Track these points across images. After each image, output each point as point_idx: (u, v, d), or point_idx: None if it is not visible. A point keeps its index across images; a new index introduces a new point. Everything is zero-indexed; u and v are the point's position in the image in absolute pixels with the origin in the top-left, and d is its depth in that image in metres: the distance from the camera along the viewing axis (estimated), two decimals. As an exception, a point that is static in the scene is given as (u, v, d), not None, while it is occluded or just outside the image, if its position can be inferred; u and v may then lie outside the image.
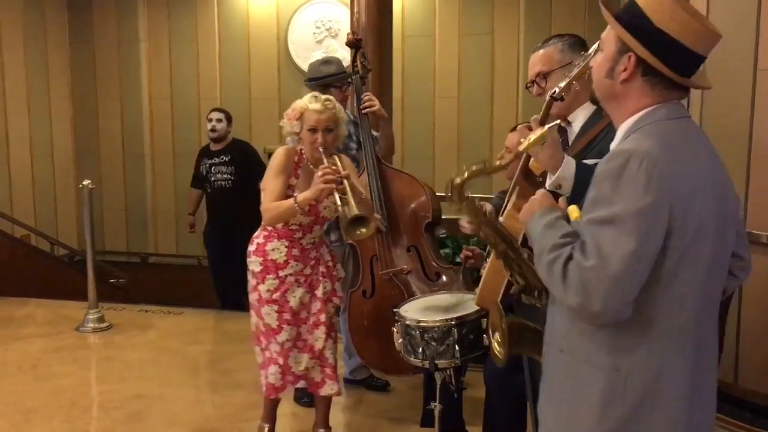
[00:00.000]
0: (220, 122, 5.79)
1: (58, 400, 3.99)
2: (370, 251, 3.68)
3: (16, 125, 7.63)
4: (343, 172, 2.94)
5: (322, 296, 3.18)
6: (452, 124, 7.75)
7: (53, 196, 8.25)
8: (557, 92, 1.87)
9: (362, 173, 3.74)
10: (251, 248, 3.19)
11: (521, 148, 1.83)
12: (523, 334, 1.86)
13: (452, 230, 4.42)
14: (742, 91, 3.60)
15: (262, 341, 3.19)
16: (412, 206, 3.71)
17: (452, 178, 1.78)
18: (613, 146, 1.61)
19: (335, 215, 3.21)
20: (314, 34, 7.78)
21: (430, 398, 2.85)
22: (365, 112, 3.73)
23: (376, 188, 3.69)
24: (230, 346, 4.95)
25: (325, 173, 2.91)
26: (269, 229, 3.16)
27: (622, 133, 1.60)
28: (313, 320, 3.18)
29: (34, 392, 4.09)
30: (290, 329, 3.14)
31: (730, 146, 3.70)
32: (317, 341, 3.18)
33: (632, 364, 1.52)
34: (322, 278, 3.20)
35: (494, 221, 1.75)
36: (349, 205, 2.84)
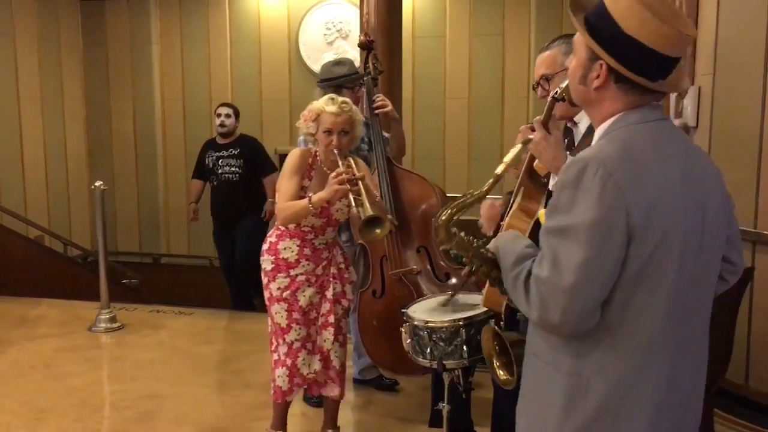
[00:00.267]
0: (228, 117, 5.80)
1: (70, 399, 4.02)
2: (380, 251, 3.69)
3: (30, 126, 7.70)
4: (358, 173, 2.95)
5: (331, 297, 3.18)
6: (463, 124, 7.76)
7: (66, 197, 8.31)
8: (558, 93, 1.87)
9: (373, 174, 3.75)
10: (264, 247, 3.21)
11: (498, 170, 1.83)
12: (523, 348, 1.85)
13: (461, 230, 4.41)
14: (752, 91, 3.58)
15: (272, 342, 3.21)
16: (422, 207, 3.72)
17: (436, 216, 1.77)
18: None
19: (346, 216, 3.21)
20: (325, 35, 7.81)
21: (438, 399, 2.85)
22: (377, 113, 3.75)
23: (386, 189, 3.70)
24: (241, 346, 4.97)
25: (339, 174, 2.92)
26: (282, 228, 3.17)
27: (596, 137, 1.57)
28: (321, 321, 3.19)
29: (46, 391, 4.13)
30: (299, 329, 3.14)
31: (740, 147, 3.68)
32: (325, 342, 3.19)
33: (594, 370, 1.49)
34: (332, 279, 3.20)
35: (486, 252, 1.72)
36: (363, 206, 2.85)
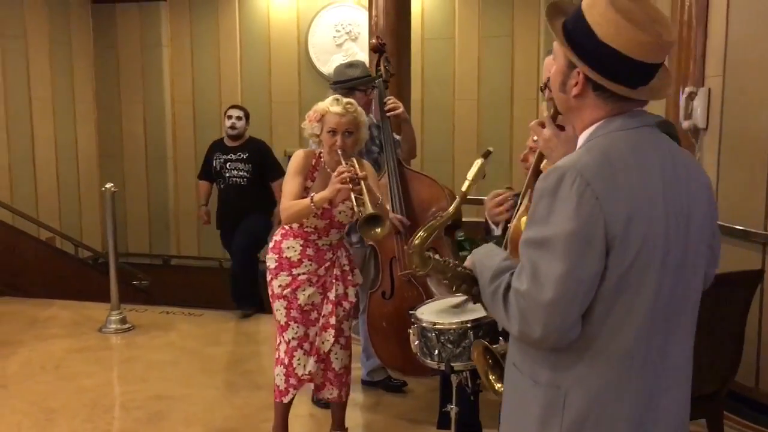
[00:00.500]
0: (240, 120, 5.73)
1: (80, 399, 4.04)
2: (389, 253, 3.70)
3: (41, 128, 7.75)
4: (360, 173, 2.95)
5: (333, 299, 3.17)
6: (472, 126, 7.75)
7: (77, 198, 8.36)
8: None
9: (383, 176, 3.77)
10: (270, 245, 3.22)
11: (464, 188, 1.82)
12: None
13: (471, 232, 4.42)
14: (762, 92, 3.57)
15: (276, 339, 3.21)
16: (432, 209, 3.72)
17: (408, 243, 1.75)
18: None
19: (351, 220, 3.20)
20: (334, 37, 7.82)
21: (446, 400, 2.85)
22: (390, 115, 3.76)
23: (397, 190, 3.71)
24: (250, 347, 4.99)
25: (342, 173, 2.92)
26: (286, 227, 3.18)
27: (579, 144, 1.53)
28: (323, 322, 3.17)
29: (57, 392, 4.15)
30: (297, 327, 3.13)
31: (750, 148, 3.66)
32: (324, 344, 3.17)
33: (572, 382, 1.46)
34: (335, 281, 3.19)
35: (464, 270, 1.70)
36: (364, 205, 2.85)
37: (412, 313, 2.75)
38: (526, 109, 7.41)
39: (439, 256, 1.79)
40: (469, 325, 2.55)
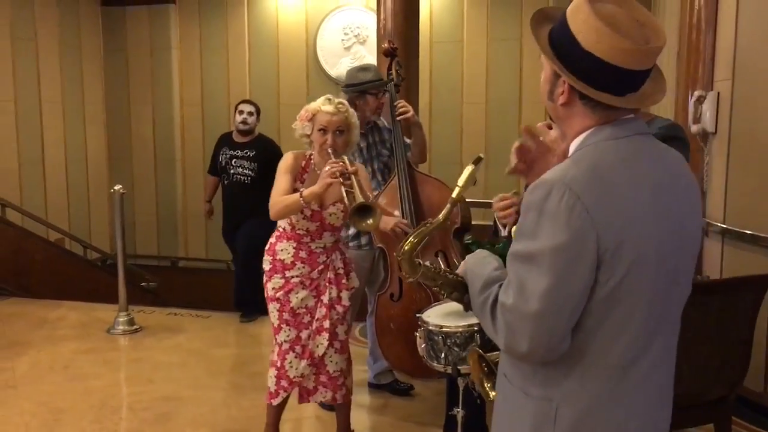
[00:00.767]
0: (251, 115, 5.62)
1: (88, 400, 4.06)
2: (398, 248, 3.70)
3: (51, 130, 7.79)
4: (351, 168, 2.93)
5: (327, 302, 3.14)
6: (480, 129, 7.75)
7: (86, 200, 8.40)
8: None
9: (393, 178, 3.78)
10: (266, 247, 3.21)
11: (454, 194, 1.81)
12: None
13: (479, 236, 4.42)
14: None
15: (273, 341, 3.21)
16: (442, 212, 3.72)
17: (398, 250, 1.73)
18: None
19: (342, 222, 3.17)
20: (342, 40, 7.84)
21: (453, 404, 2.85)
22: (400, 119, 3.77)
23: (406, 193, 3.72)
24: (257, 349, 5.00)
25: (332, 167, 2.90)
26: (281, 229, 3.17)
27: (570, 151, 1.50)
28: (316, 326, 3.14)
29: (65, 392, 4.17)
30: (289, 330, 3.12)
31: (759, 152, 3.65)
32: (318, 347, 3.14)
33: (563, 395, 1.44)
34: (328, 284, 3.15)
35: (455, 278, 1.68)
36: (355, 197, 2.82)
37: (419, 315, 2.76)
38: (534, 112, 7.40)
39: (429, 262, 1.78)
40: (476, 328, 2.54)
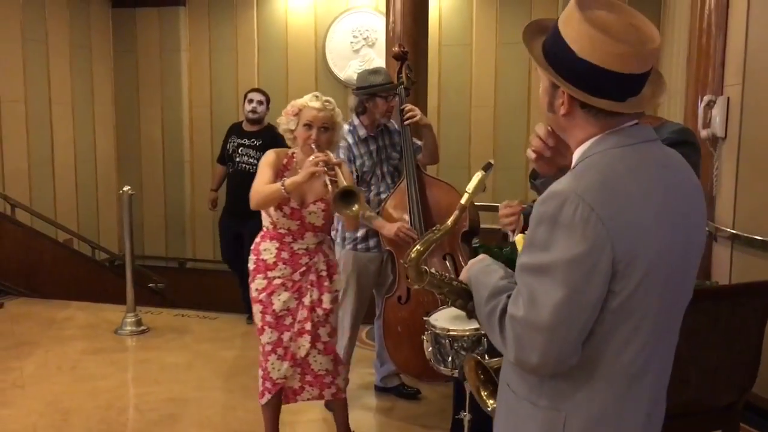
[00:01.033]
0: (261, 104, 5.55)
1: (95, 401, 4.07)
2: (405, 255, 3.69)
3: (61, 131, 7.83)
4: (335, 160, 2.91)
5: (308, 305, 3.12)
6: (488, 133, 7.74)
7: (95, 201, 8.43)
8: None
9: (402, 182, 3.78)
10: (252, 247, 3.21)
11: (463, 200, 1.79)
12: None
13: (487, 239, 4.42)
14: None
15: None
16: (450, 215, 3.71)
17: (405, 257, 1.73)
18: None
19: (323, 221, 3.14)
20: (351, 43, 7.84)
21: (459, 407, 2.85)
22: (407, 123, 3.78)
23: (415, 196, 3.72)
24: (264, 351, 5.00)
25: (316, 156, 2.89)
26: (265, 229, 3.17)
27: (574, 161, 1.48)
28: (297, 328, 3.12)
29: (72, 393, 4.18)
30: (271, 332, 3.11)
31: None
32: (300, 349, 3.12)
33: (572, 405, 1.43)
34: (310, 287, 3.14)
35: (460, 285, 1.68)
36: (338, 184, 2.81)
37: (426, 319, 2.75)
38: (543, 116, 7.37)
39: (440, 269, 1.77)
40: (483, 332, 2.54)
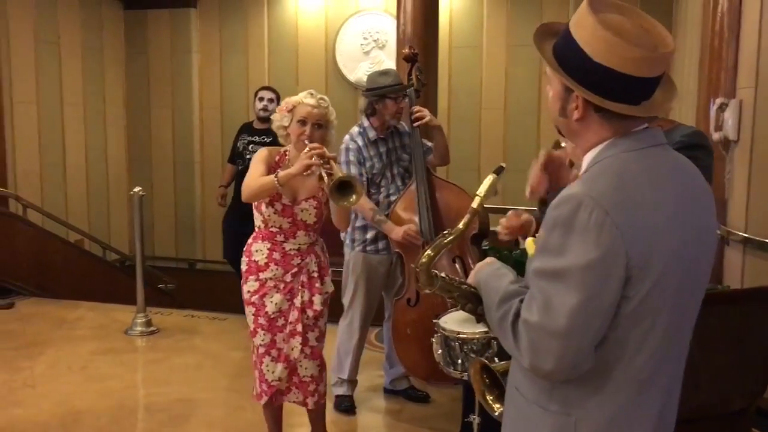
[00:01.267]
0: (272, 102, 5.52)
1: (105, 401, 4.09)
2: (416, 260, 3.69)
3: (72, 132, 7.87)
4: (329, 153, 2.89)
5: (299, 306, 3.09)
6: (498, 135, 7.72)
7: (106, 202, 8.47)
8: None
9: (412, 184, 3.78)
10: (244, 248, 3.18)
11: (475, 204, 1.79)
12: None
13: (496, 242, 4.41)
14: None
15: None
16: (460, 218, 3.70)
17: (416, 261, 1.72)
18: (580, 173, 1.50)
19: (315, 219, 3.12)
20: (362, 45, 7.85)
21: (469, 410, 2.84)
22: (416, 125, 3.77)
23: (425, 198, 3.72)
24: (273, 352, 5.01)
25: (311, 149, 2.87)
26: (257, 229, 3.14)
27: (585, 164, 1.47)
28: (289, 329, 3.10)
29: (82, 393, 4.20)
30: (264, 334, 3.09)
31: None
32: (293, 350, 3.10)
33: (584, 409, 1.42)
34: (301, 288, 3.11)
35: (470, 289, 1.67)
36: (335, 176, 2.79)
37: (436, 321, 2.75)
38: (552, 120, 7.36)
39: (449, 272, 1.77)
40: (492, 335, 2.53)
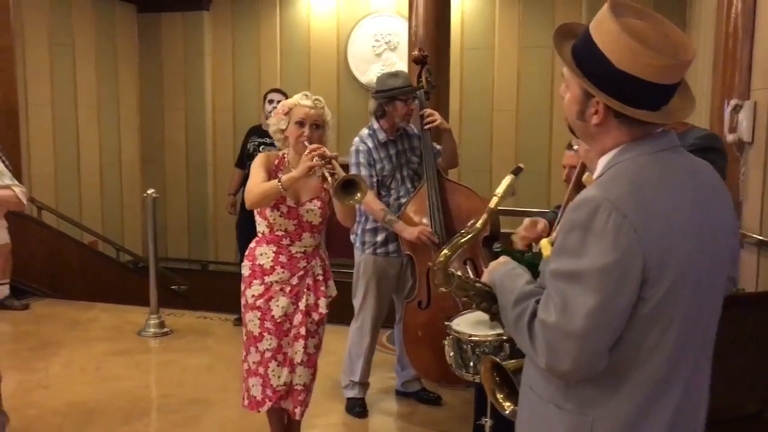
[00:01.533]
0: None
1: (118, 402, 4.11)
2: (427, 262, 3.68)
3: (86, 135, 7.93)
4: (330, 153, 2.87)
5: (303, 309, 3.07)
6: (510, 137, 7.71)
7: (120, 203, 8.53)
8: None
9: (422, 186, 3.77)
10: (246, 253, 3.17)
11: (492, 203, 1.79)
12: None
13: (507, 244, 4.40)
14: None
15: (244, 351, 3.15)
16: (471, 220, 3.70)
17: (433, 260, 1.73)
18: (594, 176, 1.51)
19: (321, 220, 3.10)
20: (373, 47, 7.86)
21: (481, 413, 2.83)
22: (427, 128, 3.77)
23: (435, 201, 3.71)
24: (285, 354, 5.01)
25: (312, 150, 2.86)
26: (260, 234, 3.13)
27: (600, 167, 1.48)
28: (294, 333, 3.08)
29: (96, 393, 4.22)
30: (271, 339, 3.06)
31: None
32: (297, 354, 3.08)
33: (600, 410, 1.43)
34: (306, 291, 3.09)
35: (485, 288, 1.68)
36: (338, 175, 2.78)
37: (447, 324, 2.74)
38: (565, 120, 7.34)
39: (461, 272, 1.77)
40: (505, 337, 2.51)
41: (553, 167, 7.31)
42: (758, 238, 3.84)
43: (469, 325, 2.71)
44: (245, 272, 3.13)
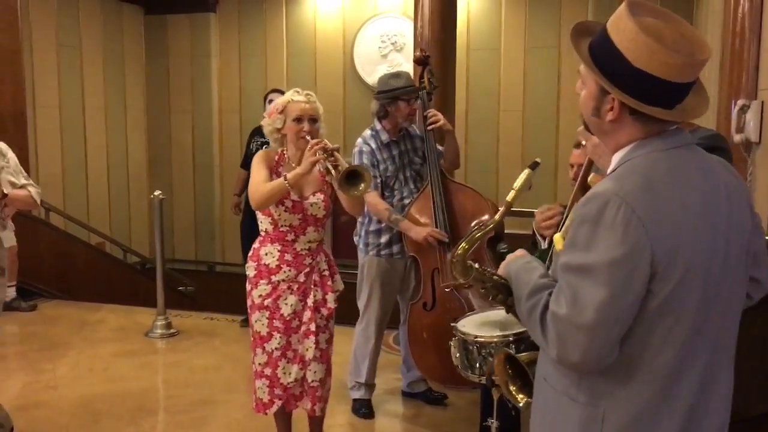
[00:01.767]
0: None
1: (125, 403, 4.12)
2: (432, 264, 3.69)
3: (94, 136, 7.97)
4: (332, 145, 2.88)
5: (311, 305, 3.07)
6: (517, 137, 7.71)
7: (127, 205, 8.56)
8: None
9: (426, 187, 3.77)
10: (249, 254, 3.16)
11: (508, 198, 1.81)
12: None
13: (514, 245, 4.40)
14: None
15: (252, 352, 3.15)
16: (475, 220, 3.70)
17: (452, 252, 1.76)
18: (608, 172, 1.53)
19: (325, 213, 3.10)
20: (379, 48, 7.87)
21: (487, 414, 2.83)
22: (431, 128, 3.77)
23: (440, 202, 3.71)
24: (291, 355, 5.02)
25: (314, 145, 2.86)
26: (264, 233, 3.12)
27: (614, 163, 1.51)
28: (303, 329, 3.08)
29: (103, 394, 4.24)
30: (280, 337, 3.06)
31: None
32: (309, 350, 3.08)
33: (611, 400, 1.46)
34: (313, 287, 3.09)
35: (501, 281, 1.69)
36: (341, 167, 2.78)
37: (453, 325, 2.74)
38: (572, 120, 7.33)
39: (478, 264, 1.78)
40: (511, 338, 2.52)
41: (559, 167, 7.29)
42: (766, 239, 3.83)
43: (474, 326, 2.72)
44: (250, 273, 3.13)
